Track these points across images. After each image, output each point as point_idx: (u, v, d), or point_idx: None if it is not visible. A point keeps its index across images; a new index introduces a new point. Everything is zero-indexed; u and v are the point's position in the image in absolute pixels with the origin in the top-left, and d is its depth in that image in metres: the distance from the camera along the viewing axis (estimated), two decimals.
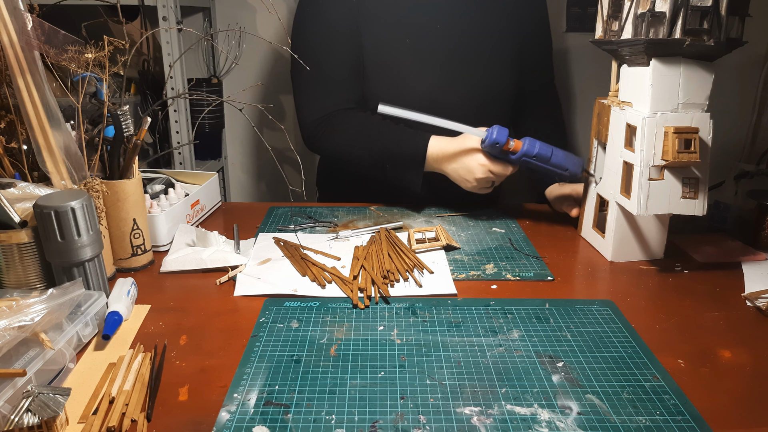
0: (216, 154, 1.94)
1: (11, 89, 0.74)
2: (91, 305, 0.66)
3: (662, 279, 0.85)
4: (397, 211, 1.10)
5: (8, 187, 0.71)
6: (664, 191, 0.80)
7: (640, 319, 0.73)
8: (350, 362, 0.63)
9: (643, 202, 0.79)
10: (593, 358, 0.64)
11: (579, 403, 0.57)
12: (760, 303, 0.77)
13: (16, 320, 0.55)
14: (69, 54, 0.75)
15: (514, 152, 0.92)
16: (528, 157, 0.91)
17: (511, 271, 0.86)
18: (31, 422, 0.48)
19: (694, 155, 0.77)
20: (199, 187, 1.03)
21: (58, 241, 0.68)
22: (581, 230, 0.99)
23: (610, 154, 0.89)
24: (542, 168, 0.92)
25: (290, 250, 0.89)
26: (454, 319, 0.72)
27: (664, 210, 0.81)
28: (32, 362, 0.55)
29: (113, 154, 0.80)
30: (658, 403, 0.57)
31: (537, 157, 0.90)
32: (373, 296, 0.76)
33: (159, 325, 0.70)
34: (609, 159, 0.89)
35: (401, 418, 0.54)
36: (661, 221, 0.87)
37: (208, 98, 1.67)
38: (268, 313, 0.73)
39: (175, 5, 1.56)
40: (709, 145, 0.80)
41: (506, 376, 0.61)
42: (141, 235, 0.83)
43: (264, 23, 1.84)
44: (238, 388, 0.58)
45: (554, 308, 0.75)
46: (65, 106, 0.79)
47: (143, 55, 1.79)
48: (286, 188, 0.94)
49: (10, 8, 0.70)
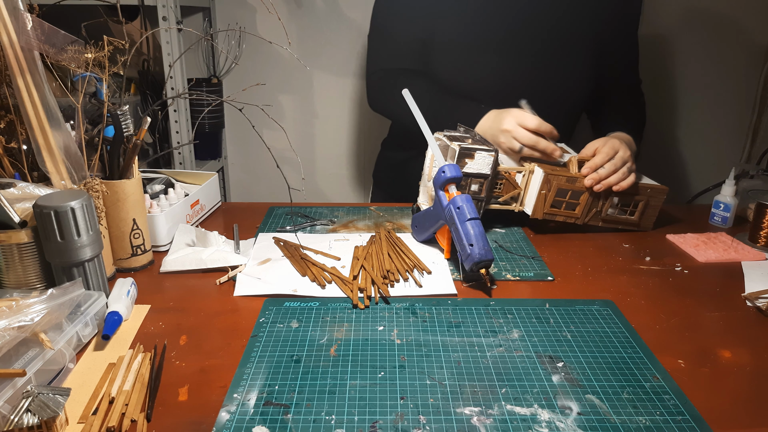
0: (216, 154, 1.94)
1: (11, 89, 0.74)
2: (90, 305, 0.66)
3: (662, 279, 0.85)
4: (397, 211, 1.10)
5: (8, 187, 0.71)
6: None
7: (640, 319, 0.73)
8: (350, 362, 0.63)
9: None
10: (593, 358, 0.64)
11: (579, 403, 0.57)
12: (760, 303, 0.77)
13: (16, 320, 0.55)
14: (69, 54, 0.75)
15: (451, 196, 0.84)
16: (454, 206, 0.82)
17: (511, 271, 0.86)
18: (31, 422, 0.48)
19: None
20: (199, 187, 1.03)
21: (57, 241, 0.68)
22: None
23: None
24: (455, 226, 0.81)
25: (290, 250, 0.89)
26: (454, 319, 0.72)
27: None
28: (32, 362, 0.55)
29: (113, 154, 0.80)
30: (658, 403, 0.57)
31: (460, 210, 0.81)
32: (373, 296, 0.76)
33: (159, 325, 0.70)
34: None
35: (401, 418, 0.54)
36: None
37: (208, 98, 1.67)
38: (268, 313, 0.73)
39: (175, 5, 1.56)
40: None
41: (506, 376, 0.61)
42: (141, 235, 0.83)
43: (264, 23, 1.84)
44: (238, 388, 0.58)
45: (554, 308, 0.75)
46: (65, 106, 0.79)
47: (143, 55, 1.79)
48: (286, 188, 0.94)
49: (10, 8, 0.70)
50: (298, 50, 1.86)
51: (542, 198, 0.94)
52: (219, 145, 1.96)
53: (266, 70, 1.88)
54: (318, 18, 1.83)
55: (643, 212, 1.00)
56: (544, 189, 0.93)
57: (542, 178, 0.93)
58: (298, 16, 1.82)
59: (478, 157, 0.90)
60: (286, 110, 1.94)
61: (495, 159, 0.90)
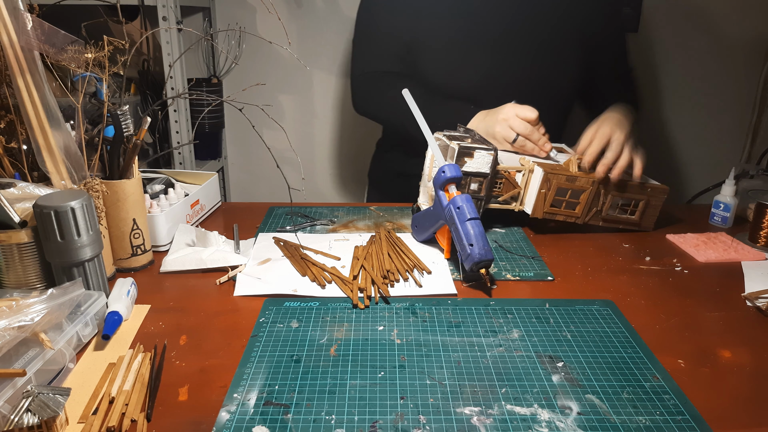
0: (216, 154, 1.94)
1: (11, 89, 0.74)
2: (91, 305, 0.66)
3: (662, 279, 0.85)
4: (397, 211, 1.10)
5: (8, 187, 0.71)
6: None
7: (640, 319, 0.73)
8: (350, 362, 0.63)
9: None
10: (593, 358, 0.64)
11: (579, 403, 0.57)
12: (760, 303, 0.77)
13: (16, 320, 0.55)
14: (69, 54, 0.75)
15: (452, 196, 0.84)
16: (454, 206, 0.82)
17: (511, 271, 0.86)
18: (31, 422, 0.48)
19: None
20: (199, 187, 1.03)
21: (58, 241, 0.68)
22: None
23: None
24: (455, 226, 0.81)
25: (290, 250, 0.89)
26: (454, 319, 0.72)
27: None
28: (32, 362, 0.55)
29: (113, 154, 0.80)
30: (658, 403, 0.57)
31: (460, 210, 0.81)
32: (373, 296, 0.76)
33: (159, 325, 0.70)
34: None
35: (401, 418, 0.54)
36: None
37: (208, 98, 1.67)
38: (268, 313, 0.73)
39: (175, 5, 1.56)
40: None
41: (506, 376, 0.61)
42: (141, 235, 0.83)
43: (264, 23, 1.84)
44: (238, 388, 0.58)
45: (554, 308, 0.75)
46: (65, 106, 0.79)
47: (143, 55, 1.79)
48: (286, 188, 0.94)
49: (10, 8, 0.70)
50: (298, 50, 1.86)
51: (542, 197, 0.94)
52: (219, 145, 1.96)
53: (266, 70, 1.88)
54: (318, 18, 1.83)
55: (644, 212, 1.00)
56: (543, 188, 0.93)
57: (542, 177, 0.93)
58: (298, 16, 1.82)
59: (478, 156, 0.90)
60: (286, 110, 1.94)
61: (494, 158, 0.90)
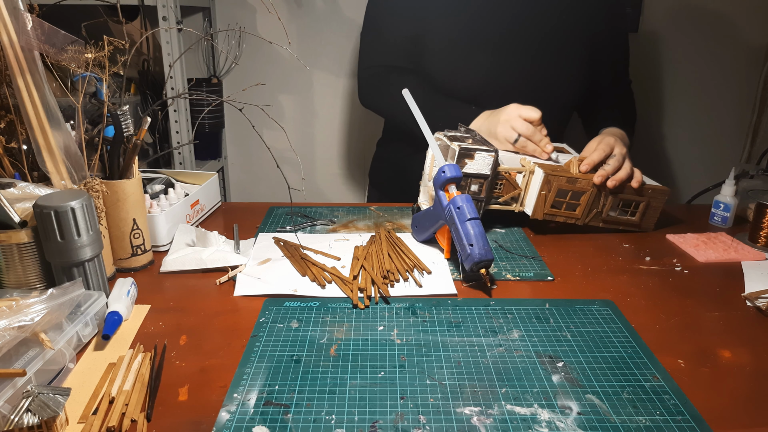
0: (216, 154, 1.94)
1: (11, 89, 0.74)
2: (91, 305, 0.66)
3: (662, 279, 0.85)
4: (397, 211, 1.10)
5: (8, 187, 0.71)
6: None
7: (640, 319, 0.73)
8: (350, 362, 0.63)
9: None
10: (593, 358, 0.64)
11: (579, 403, 0.57)
12: (760, 303, 0.77)
13: (16, 320, 0.55)
14: (69, 54, 0.75)
15: (451, 196, 0.84)
16: (454, 206, 0.82)
17: (511, 271, 0.86)
18: (31, 422, 0.48)
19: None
20: (199, 187, 1.03)
21: (58, 241, 0.68)
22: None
23: None
24: (455, 226, 0.81)
25: (290, 250, 0.89)
26: (454, 319, 0.72)
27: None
28: (32, 362, 0.55)
29: (113, 154, 0.80)
30: (658, 403, 0.57)
31: (460, 210, 0.81)
32: (373, 296, 0.76)
33: (159, 325, 0.70)
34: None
35: (401, 418, 0.54)
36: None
37: (208, 98, 1.67)
38: (268, 313, 0.73)
39: (175, 5, 1.56)
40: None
41: (506, 376, 0.61)
42: (141, 235, 0.83)
43: (264, 23, 1.84)
44: (238, 388, 0.58)
45: (554, 308, 0.75)
46: (65, 106, 0.79)
47: (143, 55, 1.79)
48: (286, 188, 0.94)
49: (10, 8, 0.70)
50: (298, 50, 1.86)
51: (542, 198, 0.94)
52: (219, 145, 1.96)
53: (266, 70, 1.88)
54: (318, 18, 1.83)
55: (644, 213, 1.00)
56: (544, 189, 0.93)
57: (542, 179, 0.93)
58: (298, 16, 1.82)
59: (478, 158, 0.90)
60: (286, 110, 1.94)
61: (495, 159, 0.90)
